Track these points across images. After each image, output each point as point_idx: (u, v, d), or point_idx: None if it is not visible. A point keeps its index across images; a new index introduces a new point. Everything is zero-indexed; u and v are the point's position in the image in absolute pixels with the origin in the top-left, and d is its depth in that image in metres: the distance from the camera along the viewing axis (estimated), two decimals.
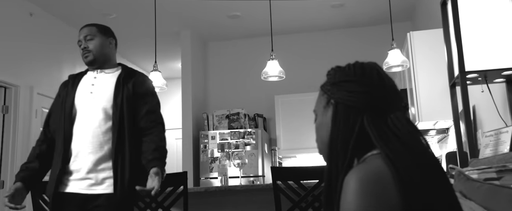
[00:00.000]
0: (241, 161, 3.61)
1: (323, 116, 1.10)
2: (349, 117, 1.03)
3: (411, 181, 0.91)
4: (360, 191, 0.90)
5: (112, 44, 2.53)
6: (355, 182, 0.91)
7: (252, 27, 6.01)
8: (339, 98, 1.06)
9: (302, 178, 2.66)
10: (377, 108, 1.03)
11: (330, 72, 1.14)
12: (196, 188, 3.18)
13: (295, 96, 5.79)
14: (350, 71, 1.08)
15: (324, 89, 1.11)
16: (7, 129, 4.61)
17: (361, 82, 1.06)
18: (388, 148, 0.96)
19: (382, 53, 4.28)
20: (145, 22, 5.51)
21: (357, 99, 1.04)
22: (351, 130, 1.02)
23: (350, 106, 1.04)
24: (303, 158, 5.78)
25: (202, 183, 5.39)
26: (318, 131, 1.12)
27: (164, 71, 4.87)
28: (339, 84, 1.07)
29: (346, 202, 0.91)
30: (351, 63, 1.12)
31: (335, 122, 1.05)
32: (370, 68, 1.09)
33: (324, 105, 1.10)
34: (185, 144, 5.70)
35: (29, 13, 4.98)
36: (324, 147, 1.09)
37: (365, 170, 0.94)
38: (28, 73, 4.90)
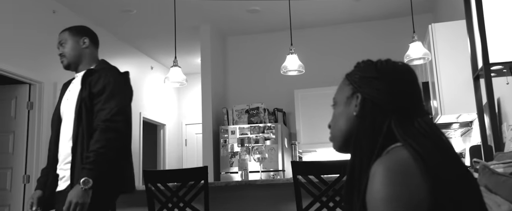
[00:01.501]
0: (261, 155, 3.62)
1: (346, 106, 1.09)
2: (376, 115, 1.03)
3: (440, 177, 0.91)
4: (387, 180, 0.90)
5: (86, 42, 2.46)
6: (382, 171, 0.91)
7: (272, 21, 5.99)
8: (367, 94, 1.05)
9: (322, 173, 2.65)
10: (405, 111, 1.03)
11: (360, 64, 1.12)
12: (217, 183, 3.20)
13: (315, 90, 5.76)
14: (382, 69, 1.07)
15: (351, 80, 1.10)
16: (32, 125, 4.71)
17: (392, 82, 1.04)
18: (416, 143, 0.96)
19: (403, 46, 4.22)
20: (165, 18, 5.55)
21: (386, 99, 1.03)
22: (379, 129, 1.02)
23: (377, 105, 1.03)
24: (324, 152, 5.75)
25: (223, 178, 5.42)
26: (337, 119, 1.12)
27: (184, 67, 4.89)
28: (369, 79, 1.06)
29: (373, 191, 0.91)
30: (384, 60, 1.10)
31: (361, 118, 1.05)
32: (403, 69, 1.08)
33: (348, 96, 1.09)
34: (205, 139, 5.74)
35: (52, 10, 5.06)
36: (339, 136, 1.10)
37: (391, 161, 0.94)
38: (52, 70, 4.98)
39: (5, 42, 4.40)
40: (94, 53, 2.49)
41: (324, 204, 2.60)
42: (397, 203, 0.88)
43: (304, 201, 2.66)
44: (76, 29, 2.51)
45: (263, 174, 4.94)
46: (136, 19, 5.76)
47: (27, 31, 4.69)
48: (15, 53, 4.50)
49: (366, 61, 1.11)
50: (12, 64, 4.42)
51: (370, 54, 1.19)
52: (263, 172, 5.04)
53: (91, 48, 2.48)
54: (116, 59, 6.30)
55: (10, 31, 4.48)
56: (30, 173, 4.56)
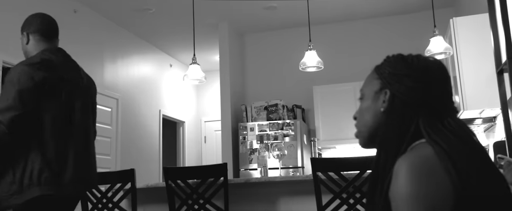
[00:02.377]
0: (280, 152, 3.61)
1: (373, 101, 1.07)
2: (405, 113, 1.01)
3: (466, 175, 0.89)
4: (412, 177, 0.89)
5: (25, 37, 2.23)
6: (407, 168, 0.90)
7: (289, 17, 5.97)
8: (396, 91, 1.03)
9: (342, 169, 2.63)
10: (434, 109, 1.01)
11: (390, 58, 1.09)
12: (236, 180, 3.21)
13: (334, 87, 5.72)
14: (414, 65, 1.04)
15: (380, 74, 1.08)
16: None
17: (423, 80, 1.02)
18: (441, 140, 0.94)
19: (423, 41, 4.16)
20: (183, 16, 5.58)
21: (416, 97, 1.01)
22: (407, 128, 1.00)
23: (407, 102, 1.01)
24: (343, 149, 5.72)
25: (242, 174, 5.44)
26: (363, 114, 1.10)
27: (203, 64, 4.91)
28: (399, 76, 1.04)
29: (397, 188, 0.90)
30: (415, 55, 1.08)
31: (389, 115, 1.03)
32: (434, 66, 1.06)
33: (377, 91, 1.07)
34: (224, 136, 5.76)
35: (73, 10, 5.14)
36: (365, 131, 1.09)
37: (415, 157, 0.93)
38: None
39: None
40: (38, 46, 2.20)
41: (344, 201, 2.58)
42: (422, 199, 0.87)
43: (324, 197, 2.65)
44: (22, 26, 2.28)
45: (282, 170, 4.94)
46: (155, 18, 5.81)
47: None
48: None
49: (397, 55, 1.09)
50: None
51: (390, 50, 1.17)
52: (282, 169, 5.03)
53: (34, 42, 2.21)
54: (135, 57, 6.38)
55: None
56: None
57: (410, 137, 0.99)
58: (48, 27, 2.27)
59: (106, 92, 5.55)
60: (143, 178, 5.79)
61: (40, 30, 2.23)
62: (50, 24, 2.30)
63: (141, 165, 6.06)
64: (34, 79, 2.00)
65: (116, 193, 2.86)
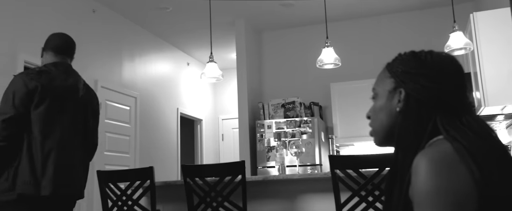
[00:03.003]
0: (298, 150, 3.60)
1: (387, 101, 1.06)
2: (421, 113, 0.99)
3: (489, 171, 0.88)
4: (433, 172, 0.87)
5: (41, 53, 2.56)
6: (426, 164, 0.89)
7: (306, 14, 5.94)
8: (411, 90, 1.01)
9: (361, 166, 2.61)
10: (451, 106, 0.99)
11: (402, 56, 1.07)
12: (254, 177, 3.21)
13: (351, 83, 5.68)
14: (427, 63, 1.02)
15: (393, 73, 1.06)
16: None
17: (438, 78, 1.00)
18: (460, 136, 0.93)
19: (443, 37, 4.10)
20: (200, 14, 5.60)
21: (431, 95, 0.99)
22: (424, 127, 0.98)
23: (423, 101, 1.00)
24: (361, 146, 5.68)
25: (260, 172, 5.44)
26: (377, 113, 1.08)
27: (220, 62, 4.93)
28: (412, 74, 1.02)
29: (418, 183, 0.89)
30: (428, 51, 1.05)
31: (405, 115, 1.02)
32: (448, 62, 1.03)
33: (390, 90, 1.05)
34: (242, 133, 5.77)
35: (92, 9, 5.20)
36: (381, 131, 1.07)
37: (434, 152, 0.91)
38: (93, 68, 5.13)
39: None
40: (47, 60, 2.49)
41: (363, 198, 2.57)
42: (444, 194, 0.85)
43: (342, 195, 2.64)
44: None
45: (300, 168, 4.93)
46: (172, 16, 5.84)
47: (68, 31, 4.82)
48: None
49: (409, 53, 1.07)
50: None
51: (408, 46, 1.15)
52: (300, 167, 5.02)
53: (46, 57, 2.51)
54: (153, 56, 6.43)
55: (51, 30, 4.62)
56: None
57: (428, 135, 0.98)
58: (59, 45, 2.53)
59: (125, 91, 5.61)
60: (161, 176, 5.85)
61: (53, 48, 2.50)
62: (62, 42, 2.55)
63: (160, 163, 6.11)
64: (28, 87, 2.24)
65: (136, 191, 2.90)
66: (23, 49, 4.22)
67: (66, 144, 2.31)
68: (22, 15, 4.28)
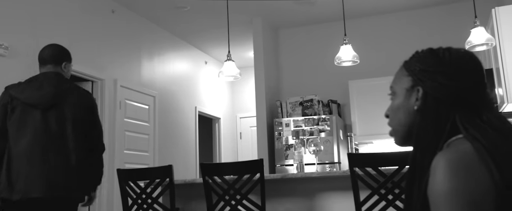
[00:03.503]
0: (316, 148, 3.59)
1: (405, 99, 1.04)
2: (440, 111, 0.98)
3: (509, 170, 0.86)
4: (450, 173, 0.86)
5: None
6: (444, 164, 0.87)
7: (324, 12, 5.91)
8: (429, 88, 0.99)
9: (380, 164, 2.59)
10: (470, 104, 0.97)
11: (419, 54, 1.06)
12: (273, 175, 3.21)
13: (370, 81, 5.63)
14: (445, 60, 1.00)
15: (410, 71, 1.04)
16: None
17: (456, 75, 0.98)
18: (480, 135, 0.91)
19: (463, 32, 4.03)
20: (218, 13, 5.62)
21: (450, 93, 0.97)
22: (443, 125, 0.97)
23: (441, 100, 0.98)
24: (380, 144, 5.63)
25: (278, 170, 5.44)
26: (396, 112, 1.07)
27: (237, 60, 4.94)
28: (431, 72, 1.00)
29: (435, 185, 0.88)
30: (445, 48, 1.03)
31: (423, 114, 1.00)
32: (467, 58, 1.01)
33: (408, 88, 1.04)
34: (260, 132, 5.77)
35: (111, 10, 5.26)
36: (400, 130, 1.06)
37: (452, 152, 0.90)
38: (112, 67, 5.19)
39: (68, 42, 4.62)
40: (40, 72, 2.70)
41: (382, 196, 2.54)
42: (461, 195, 0.84)
43: (361, 193, 2.62)
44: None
45: (318, 166, 4.91)
46: (190, 15, 5.87)
47: (88, 31, 4.91)
48: (78, 52, 4.72)
49: (426, 50, 1.05)
50: (75, 63, 4.62)
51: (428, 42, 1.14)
52: (319, 165, 5.00)
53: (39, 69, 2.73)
54: (171, 55, 6.47)
55: (72, 31, 4.70)
56: None
57: (447, 134, 0.96)
58: (42, 56, 2.67)
59: (144, 90, 5.67)
60: (180, 174, 5.89)
61: (38, 59, 2.69)
62: (45, 53, 2.67)
63: (178, 161, 6.16)
64: (2, 101, 2.49)
65: (155, 189, 2.92)
66: None
67: (36, 150, 2.40)
68: (43, 16, 4.35)
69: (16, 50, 4.00)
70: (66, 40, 4.60)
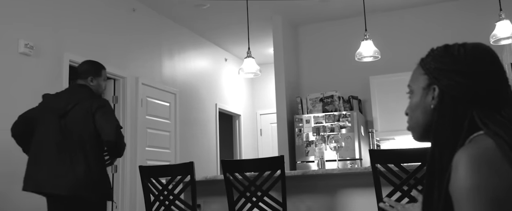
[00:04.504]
0: (337, 144, 3.57)
1: (422, 98, 1.04)
2: (457, 109, 0.97)
3: None
4: (472, 169, 0.85)
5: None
6: (466, 161, 0.86)
7: (344, 7, 5.86)
8: (445, 86, 0.98)
9: (403, 161, 2.56)
10: (488, 100, 0.96)
11: (434, 51, 1.04)
12: (294, 172, 3.21)
13: (391, 76, 5.56)
14: (460, 57, 0.99)
15: (426, 70, 1.03)
16: (117, 117, 4.99)
17: (472, 72, 0.97)
18: (503, 131, 0.89)
19: (488, 26, 3.95)
20: (237, 10, 5.62)
21: (467, 91, 0.96)
22: (461, 123, 0.96)
23: (458, 98, 0.97)
24: (403, 140, 5.56)
25: (299, 167, 5.43)
26: (414, 111, 1.07)
27: (257, 57, 4.94)
28: (446, 71, 0.99)
29: (458, 181, 0.87)
30: (460, 44, 1.02)
31: (440, 112, 0.99)
32: (483, 54, 0.99)
33: (424, 87, 1.03)
34: (280, 128, 5.77)
35: (132, 9, 5.32)
36: (418, 128, 1.06)
37: (474, 148, 0.89)
38: (133, 66, 5.25)
39: (91, 41, 4.70)
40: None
41: (405, 193, 2.52)
42: (483, 191, 0.83)
43: (383, 190, 2.59)
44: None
45: (339, 163, 4.88)
46: (210, 13, 5.89)
47: (110, 30, 4.98)
48: (100, 51, 4.79)
49: (441, 48, 1.03)
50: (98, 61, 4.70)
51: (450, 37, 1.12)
52: (340, 161, 4.97)
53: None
54: (192, 53, 6.51)
55: (95, 31, 4.77)
56: (117, 163, 4.85)
57: (466, 131, 0.95)
58: (75, 72, 3.13)
59: (165, 88, 5.72)
60: (201, 171, 5.93)
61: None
62: (77, 70, 3.12)
63: (199, 158, 6.20)
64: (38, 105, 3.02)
65: (177, 186, 2.95)
66: (68, 49, 4.37)
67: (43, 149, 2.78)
68: (66, 16, 4.43)
69: (40, 50, 4.08)
70: (88, 39, 4.67)
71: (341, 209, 3.13)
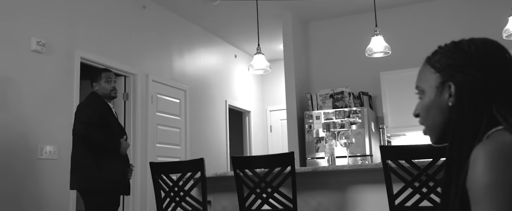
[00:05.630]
0: (347, 140, 3.55)
1: (436, 97, 1.02)
2: (476, 105, 0.95)
3: None
4: (490, 166, 0.84)
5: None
6: (484, 156, 0.85)
7: (354, 3, 5.82)
8: (461, 82, 0.97)
9: (414, 157, 2.54)
10: (506, 93, 0.95)
11: (445, 49, 1.03)
12: (304, 168, 3.20)
13: (401, 72, 5.52)
14: (472, 52, 0.98)
15: (437, 68, 1.02)
16: (128, 114, 5.03)
17: (487, 65, 0.96)
18: None
19: (500, 20, 3.90)
20: (247, 6, 5.61)
21: (483, 84, 0.95)
22: (480, 120, 0.95)
23: (475, 92, 0.96)
24: (413, 136, 5.53)
25: (309, 163, 5.42)
26: (429, 111, 1.04)
27: (267, 54, 4.93)
28: (460, 66, 0.98)
29: (475, 177, 0.86)
30: (469, 40, 1.01)
31: (459, 108, 0.98)
32: (493, 47, 0.99)
33: (437, 85, 1.02)
34: (290, 124, 5.76)
35: (142, 6, 5.34)
36: (436, 128, 1.03)
37: (492, 144, 0.88)
38: (144, 63, 5.27)
39: (101, 38, 4.72)
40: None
41: (416, 189, 2.50)
42: (501, 188, 0.82)
43: (394, 186, 2.58)
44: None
45: (350, 159, 4.86)
46: (219, 10, 5.89)
47: (120, 27, 5.00)
48: (110, 48, 4.82)
49: (450, 45, 1.03)
50: (109, 58, 4.74)
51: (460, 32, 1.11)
52: (350, 157, 4.96)
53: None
54: (201, 49, 6.52)
55: (105, 28, 4.80)
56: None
57: (485, 126, 0.94)
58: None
59: (175, 84, 5.74)
60: (211, 167, 5.95)
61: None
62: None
63: (209, 155, 6.22)
64: None
65: (187, 182, 2.96)
66: (79, 46, 4.40)
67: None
68: (77, 13, 4.45)
69: (52, 47, 4.11)
70: (99, 36, 4.70)
71: (351, 205, 3.12)
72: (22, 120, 3.75)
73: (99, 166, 3.19)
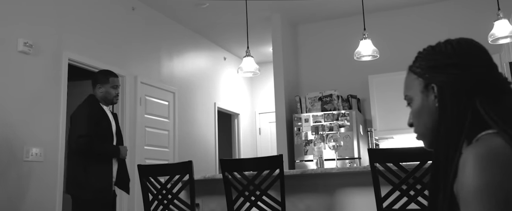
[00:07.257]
0: (336, 143, 3.57)
1: (423, 101, 1.03)
2: (459, 100, 0.97)
3: None
4: (479, 169, 0.84)
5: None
6: (473, 160, 0.86)
7: (343, 6, 5.86)
8: (442, 82, 0.99)
9: (401, 160, 2.56)
10: (487, 87, 0.96)
11: (423, 53, 1.06)
12: (292, 171, 3.20)
13: (390, 75, 5.57)
14: (450, 52, 1.00)
15: (418, 73, 1.04)
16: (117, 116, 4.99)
17: (466, 62, 0.98)
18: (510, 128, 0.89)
19: (486, 25, 3.95)
20: (236, 9, 5.62)
21: (465, 81, 0.97)
22: (464, 116, 0.95)
23: (457, 90, 0.97)
24: (401, 139, 5.57)
25: (297, 166, 5.43)
26: (419, 116, 1.05)
27: (256, 56, 4.94)
28: (440, 67, 1.00)
29: (464, 181, 0.86)
30: (445, 41, 1.04)
31: (443, 108, 0.99)
32: (469, 44, 1.01)
33: (422, 90, 1.03)
34: (279, 127, 5.76)
35: (132, 7, 5.31)
36: (428, 133, 1.04)
37: (483, 147, 0.88)
38: (132, 64, 5.24)
39: (90, 40, 4.69)
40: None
41: (404, 192, 2.52)
42: (492, 191, 0.82)
43: (382, 189, 2.59)
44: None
45: (338, 162, 4.88)
46: (209, 12, 5.89)
47: (109, 28, 4.97)
48: (99, 49, 4.78)
49: (428, 48, 1.05)
50: (97, 60, 4.70)
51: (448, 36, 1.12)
52: (339, 160, 4.97)
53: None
54: (190, 52, 6.50)
55: (94, 29, 4.76)
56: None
57: (471, 123, 0.94)
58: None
59: (163, 86, 5.71)
60: (200, 170, 5.92)
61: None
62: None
63: (198, 157, 6.20)
64: None
65: (175, 185, 2.95)
66: (67, 47, 4.36)
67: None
68: (65, 14, 4.42)
69: (39, 48, 4.07)
70: (87, 38, 4.66)
71: (340, 208, 3.13)
72: (8, 121, 3.70)
73: (88, 174, 3.17)
